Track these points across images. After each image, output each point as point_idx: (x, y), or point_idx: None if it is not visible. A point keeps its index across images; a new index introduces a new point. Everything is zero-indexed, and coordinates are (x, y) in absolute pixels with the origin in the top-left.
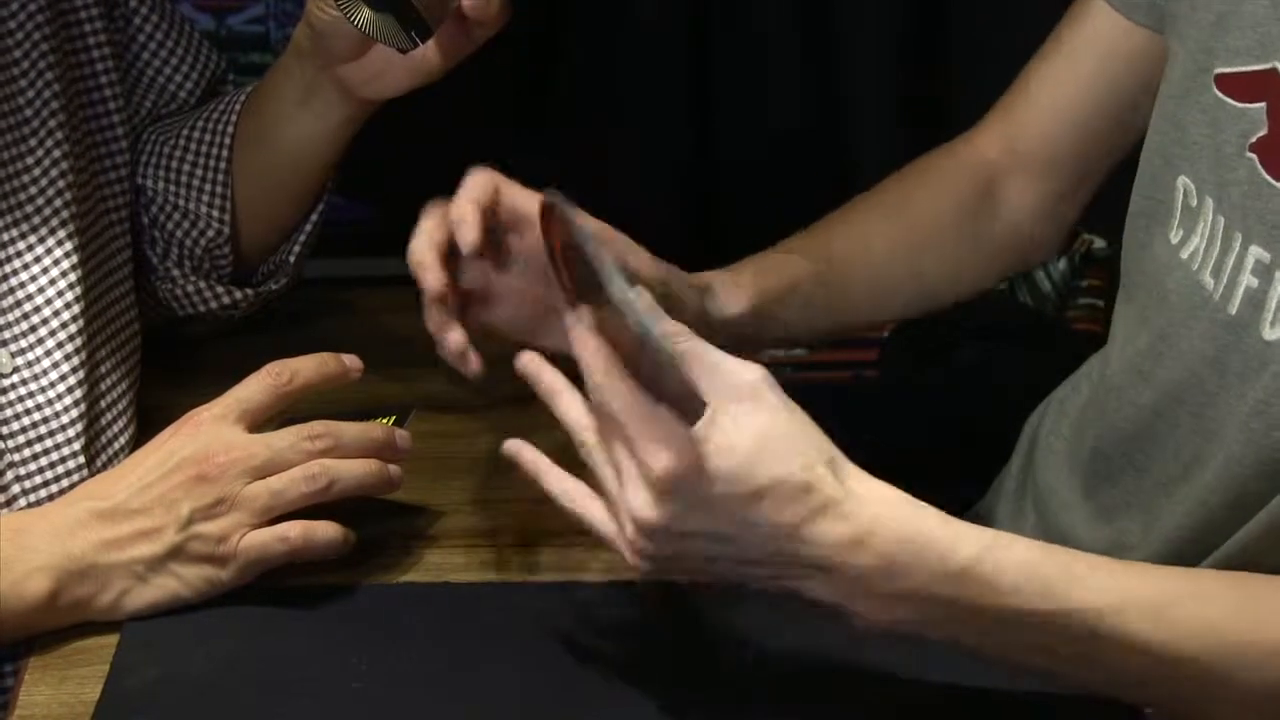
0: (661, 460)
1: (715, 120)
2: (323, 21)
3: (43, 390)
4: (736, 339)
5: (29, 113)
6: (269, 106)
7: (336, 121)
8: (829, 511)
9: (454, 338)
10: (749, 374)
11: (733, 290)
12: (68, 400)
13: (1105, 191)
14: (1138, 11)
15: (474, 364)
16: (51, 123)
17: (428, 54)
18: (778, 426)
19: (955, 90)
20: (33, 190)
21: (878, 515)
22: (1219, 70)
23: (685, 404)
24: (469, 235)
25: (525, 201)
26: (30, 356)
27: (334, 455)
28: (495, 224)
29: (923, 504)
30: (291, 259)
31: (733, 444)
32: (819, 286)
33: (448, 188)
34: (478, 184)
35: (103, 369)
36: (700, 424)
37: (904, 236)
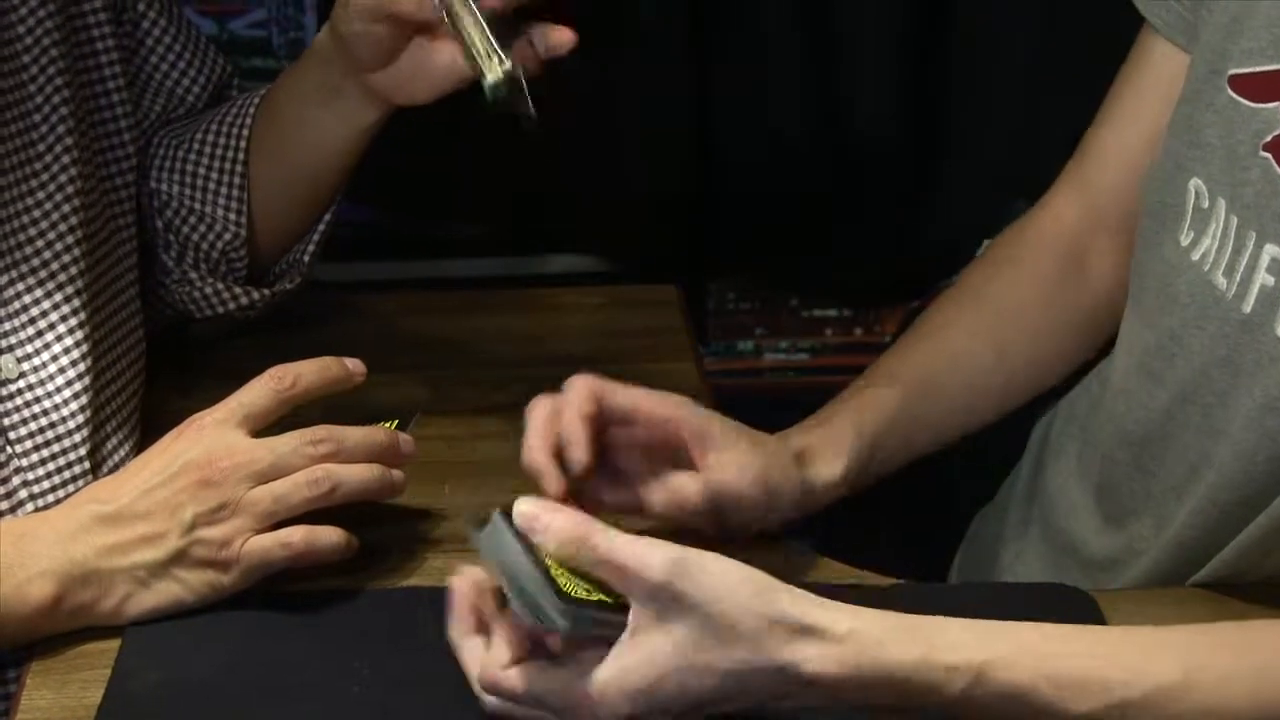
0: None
1: (715, 120)
2: (350, 33)
3: (49, 395)
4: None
5: (38, 118)
6: (288, 110)
7: (361, 124)
8: (789, 687)
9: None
10: (655, 568)
11: (830, 455)
12: (74, 405)
13: None
14: (1182, 33)
15: None
16: (60, 128)
17: (464, 65)
18: (693, 630)
19: (955, 90)
20: (40, 195)
21: (849, 666)
22: (1233, 71)
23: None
24: (580, 455)
25: (625, 399)
26: (36, 361)
27: (337, 460)
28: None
29: (901, 633)
30: (306, 258)
31: (651, 668)
32: (914, 413)
33: (447, 190)
34: (581, 394)
35: (108, 374)
36: (614, 655)
37: (994, 338)
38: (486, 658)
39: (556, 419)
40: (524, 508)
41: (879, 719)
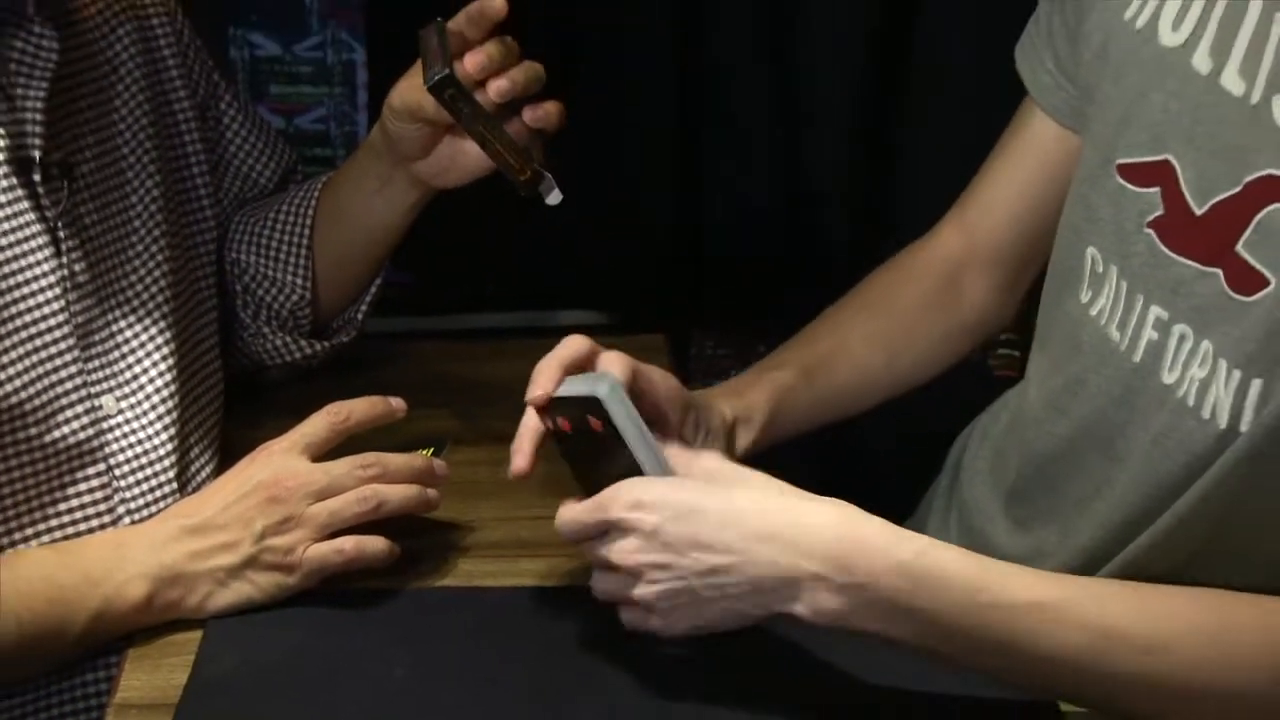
0: (621, 501)
1: (700, 202)
2: (395, 128)
3: (143, 428)
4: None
5: (134, 198)
6: (347, 194)
7: (406, 205)
8: (782, 521)
9: (522, 462)
10: (707, 462)
11: (746, 428)
12: (163, 436)
13: None
14: (1067, 116)
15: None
16: (153, 206)
17: (483, 155)
18: (707, 480)
19: (915, 165)
20: (136, 263)
21: (826, 526)
22: (1120, 160)
23: None
24: (537, 390)
25: (646, 373)
26: (133, 400)
27: (382, 481)
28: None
29: (868, 516)
30: (359, 317)
31: (662, 490)
32: (812, 393)
33: (475, 258)
34: (570, 346)
35: (192, 409)
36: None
37: (880, 335)
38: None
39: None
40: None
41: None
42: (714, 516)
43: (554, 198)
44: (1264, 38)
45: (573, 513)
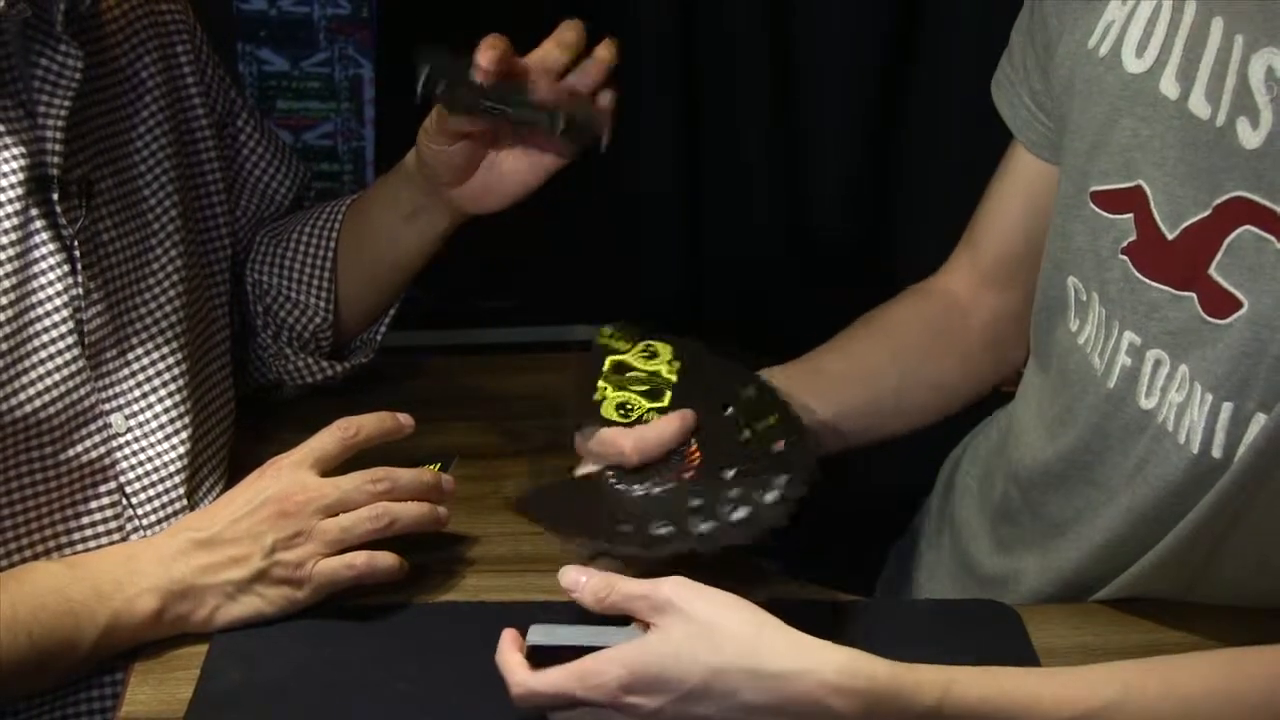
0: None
1: (703, 224)
2: (430, 152)
3: (153, 445)
4: None
5: (150, 217)
6: (376, 219)
7: (436, 233)
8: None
9: None
10: (663, 588)
11: None
12: (173, 454)
13: None
14: (1046, 150)
15: None
16: (170, 226)
17: (525, 176)
18: (688, 629)
19: (916, 190)
20: (150, 281)
21: (827, 680)
22: (1094, 188)
23: None
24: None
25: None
26: (141, 418)
27: (391, 496)
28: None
29: (869, 660)
30: (378, 337)
31: (643, 652)
32: (810, 398)
33: (485, 274)
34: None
35: (203, 427)
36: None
37: (884, 356)
38: (521, 675)
39: None
40: (567, 577)
41: None
42: (717, 688)
43: (603, 138)
44: (1226, 60)
45: (544, 682)
